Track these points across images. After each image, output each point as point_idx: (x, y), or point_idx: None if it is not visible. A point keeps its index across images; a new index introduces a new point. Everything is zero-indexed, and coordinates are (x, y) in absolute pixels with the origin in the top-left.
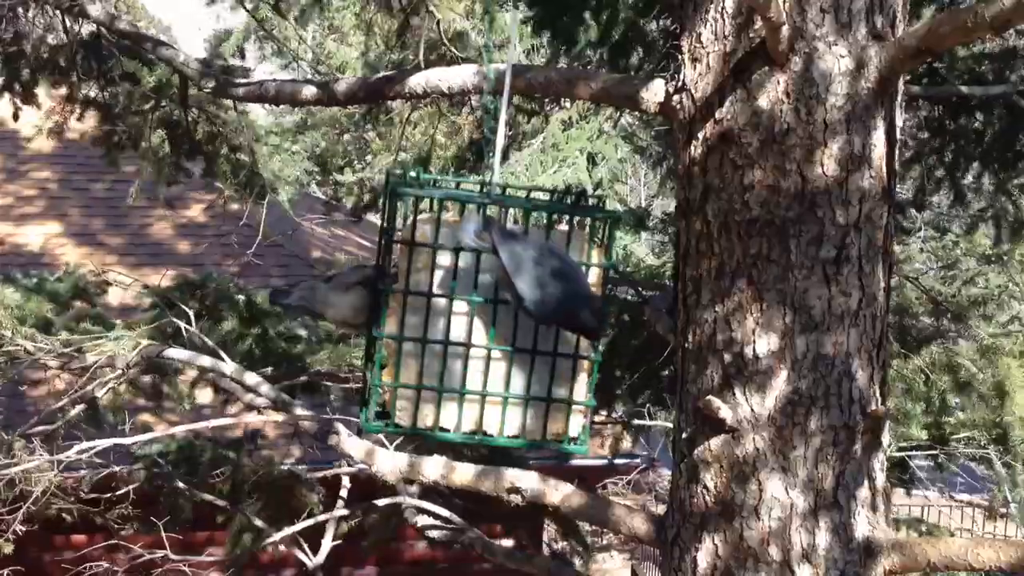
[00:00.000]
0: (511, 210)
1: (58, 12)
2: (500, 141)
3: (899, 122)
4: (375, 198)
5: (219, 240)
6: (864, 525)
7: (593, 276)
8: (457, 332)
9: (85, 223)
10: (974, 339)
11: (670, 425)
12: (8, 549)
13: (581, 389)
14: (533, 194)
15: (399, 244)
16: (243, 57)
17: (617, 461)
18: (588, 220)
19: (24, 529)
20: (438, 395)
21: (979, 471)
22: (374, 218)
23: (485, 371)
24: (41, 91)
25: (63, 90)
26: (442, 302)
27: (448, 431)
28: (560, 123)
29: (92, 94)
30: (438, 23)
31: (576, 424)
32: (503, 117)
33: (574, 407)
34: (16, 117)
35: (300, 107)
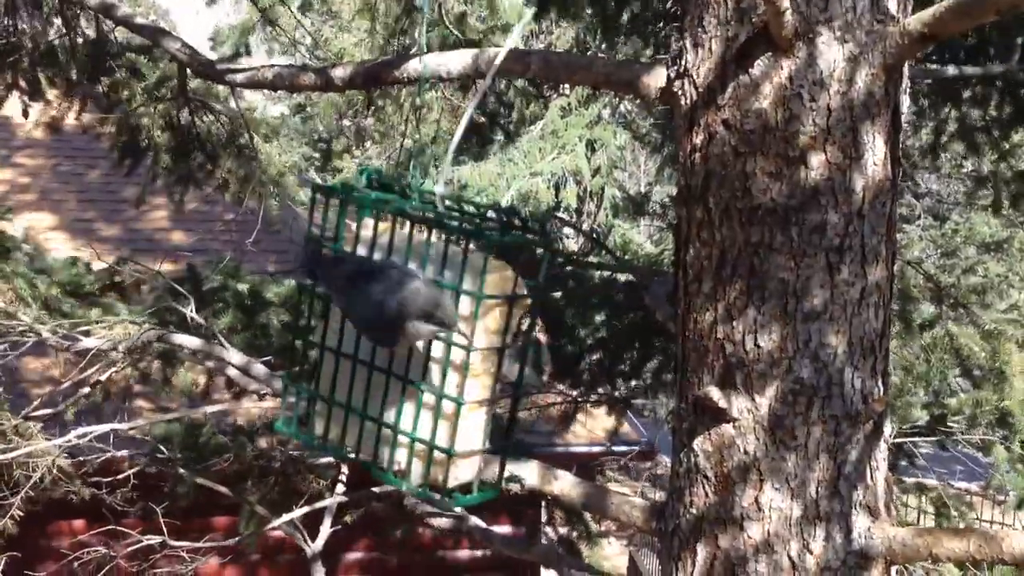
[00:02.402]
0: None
1: (56, 2)
2: (457, 138)
3: (904, 109)
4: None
5: (218, 228)
6: (865, 516)
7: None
8: (363, 349)
9: (79, 213)
10: (975, 324)
11: (668, 407)
12: (11, 528)
13: (468, 432)
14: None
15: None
16: (248, 53)
17: (616, 448)
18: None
19: (22, 514)
20: (344, 412)
21: (981, 458)
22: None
23: (385, 396)
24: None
25: (60, 87)
26: None
27: (349, 452)
28: (559, 109)
29: (93, 89)
30: (439, 6)
31: (462, 473)
32: (468, 114)
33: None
34: (26, 114)
35: (297, 93)
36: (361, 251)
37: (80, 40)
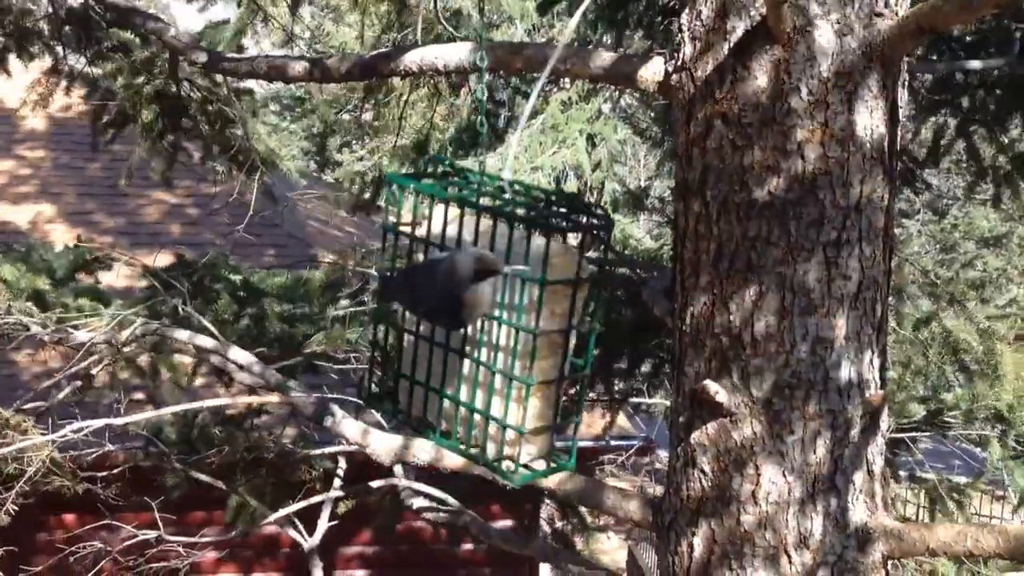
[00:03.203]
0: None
1: None
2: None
3: (902, 102)
4: (377, 189)
5: (213, 220)
6: (862, 510)
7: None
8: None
9: (79, 204)
10: (971, 320)
11: (667, 403)
12: (4, 521)
13: (538, 411)
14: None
15: (413, 240)
16: (240, 49)
17: (614, 442)
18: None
19: (17, 508)
20: (424, 390)
21: (978, 453)
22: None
23: (460, 377)
24: (16, 62)
25: (47, 61)
26: None
27: (432, 428)
28: (560, 104)
29: (79, 67)
30: (435, 2)
31: (524, 452)
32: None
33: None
34: (7, 73)
35: (292, 83)
36: (434, 240)
37: (67, 19)
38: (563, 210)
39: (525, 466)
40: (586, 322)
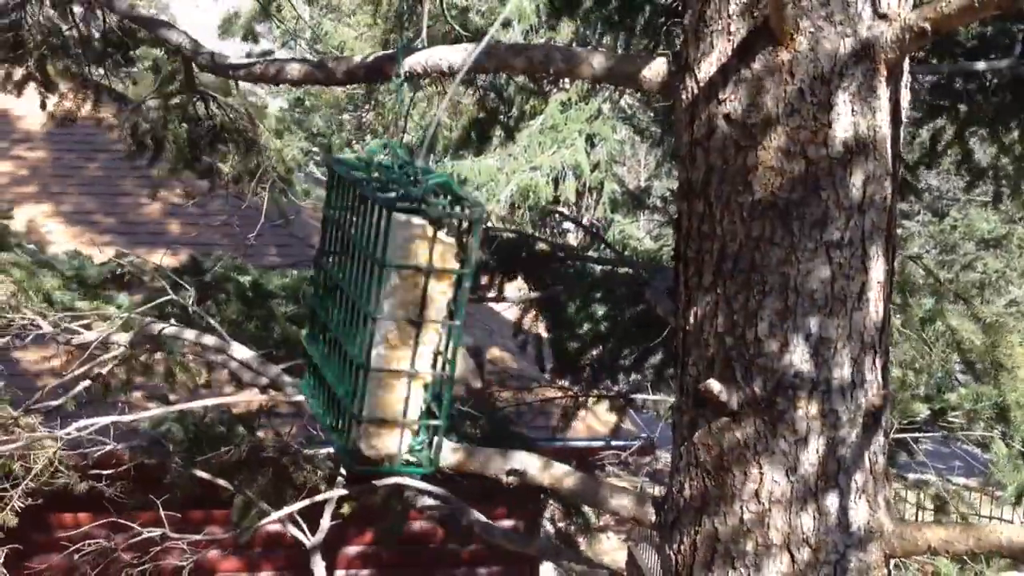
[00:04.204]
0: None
1: None
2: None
3: (904, 103)
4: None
5: (214, 220)
6: (864, 509)
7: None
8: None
9: (79, 203)
10: (976, 317)
11: (669, 400)
12: (12, 522)
13: (386, 403)
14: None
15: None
16: (256, 40)
17: (615, 442)
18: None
19: (23, 505)
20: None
21: (980, 454)
22: None
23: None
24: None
25: (70, 79)
26: None
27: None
28: (559, 104)
29: (105, 82)
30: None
31: (383, 442)
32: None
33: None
34: (43, 106)
35: (299, 86)
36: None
37: (85, 32)
38: (440, 198)
39: (369, 459)
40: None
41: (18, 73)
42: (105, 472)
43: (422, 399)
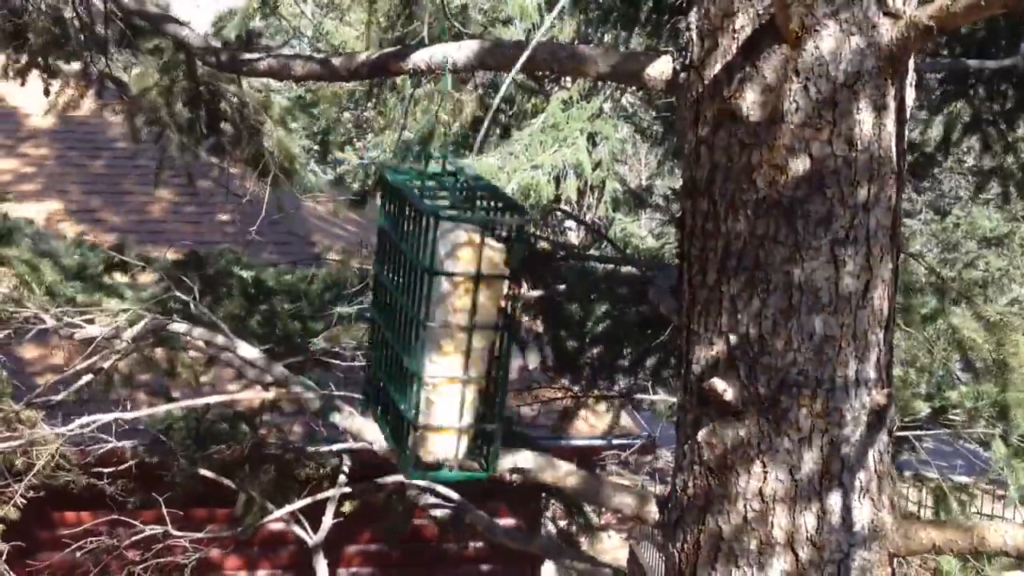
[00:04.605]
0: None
1: None
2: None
3: (909, 101)
4: (376, 184)
5: (217, 217)
6: (868, 508)
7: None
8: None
9: (85, 200)
10: (979, 316)
11: (671, 400)
12: (14, 515)
13: (440, 409)
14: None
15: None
16: (250, 39)
17: (616, 441)
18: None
19: (25, 501)
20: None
21: (981, 452)
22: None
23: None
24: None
25: (77, 65)
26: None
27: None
28: (560, 103)
29: (108, 69)
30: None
31: (437, 448)
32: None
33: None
34: (47, 92)
35: (303, 82)
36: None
37: (88, 19)
38: (487, 205)
39: (429, 464)
40: (495, 327)
41: (23, 59)
42: (107, 470)
43: (475, 404)
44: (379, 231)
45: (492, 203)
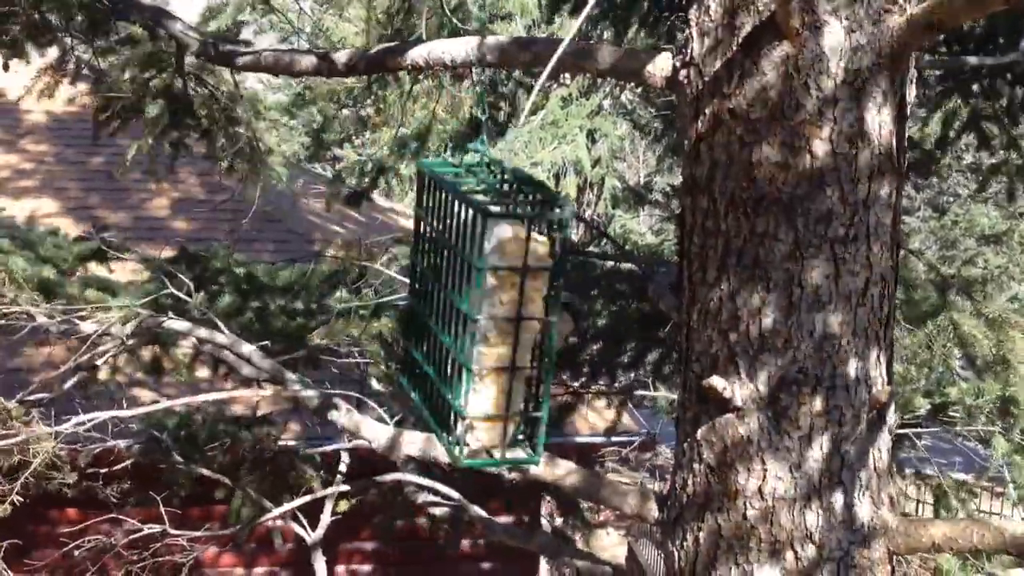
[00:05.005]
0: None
1: None
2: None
3: (910, 98)
4: (375, 179)
5: (216, 215)
6: (867, 506)
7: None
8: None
9: (82, 197)
10: (979, 312)
11: (671, 396)
12: (5, 512)
13: (480, 400)
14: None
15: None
16: (239, 33)
17: (615, 438)
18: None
19: (21, 500)
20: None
21: (981, 449)
22: (376, 198)
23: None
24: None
25: (54, 52)
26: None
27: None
28: (560, 100)
29: (86, 58)
30: None
31: (474, 438)
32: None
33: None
34: (6, 68)
35: (299, 77)
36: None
37: (77, 10)
38: (529, 198)
39: (477, 452)
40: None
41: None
42: (103, 469)
43: (522, 392)
44: (416, 220)
45: (534, 196)
